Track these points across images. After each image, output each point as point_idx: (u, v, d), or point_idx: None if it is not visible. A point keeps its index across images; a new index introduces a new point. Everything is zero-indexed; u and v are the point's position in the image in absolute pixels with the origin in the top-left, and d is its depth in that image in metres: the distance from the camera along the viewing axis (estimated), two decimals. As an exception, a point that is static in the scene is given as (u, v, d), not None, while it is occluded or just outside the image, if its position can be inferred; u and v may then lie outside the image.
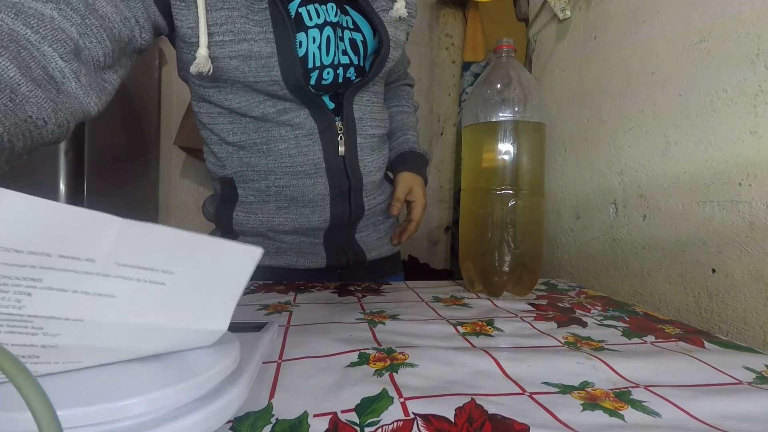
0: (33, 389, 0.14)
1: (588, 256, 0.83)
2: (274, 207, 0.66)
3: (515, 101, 0.59)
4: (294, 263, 0.69)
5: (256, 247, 0.25)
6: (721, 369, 0.36)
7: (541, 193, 0.62)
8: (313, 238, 0.68)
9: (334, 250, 0.70)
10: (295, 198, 0.65)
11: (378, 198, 0.72)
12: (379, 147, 0.71)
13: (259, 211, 0.66)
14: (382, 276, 0.77)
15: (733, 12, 0.56)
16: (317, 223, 0.66)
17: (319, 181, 0.64)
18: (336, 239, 0.69)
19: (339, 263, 0.71)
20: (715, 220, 0.58)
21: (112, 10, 0.47)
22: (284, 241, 0.68)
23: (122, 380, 0.23)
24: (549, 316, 0.51)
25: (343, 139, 0.64)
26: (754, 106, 0.53)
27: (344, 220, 0.67)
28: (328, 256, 0.70)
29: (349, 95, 0.64)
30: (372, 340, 0.40)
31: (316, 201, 0.65)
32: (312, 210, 0.65)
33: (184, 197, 1.85)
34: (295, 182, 0.64)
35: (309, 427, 0.25)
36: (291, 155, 0.63)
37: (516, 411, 0.28)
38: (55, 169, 1.09)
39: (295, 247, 0.69)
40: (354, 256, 0.72)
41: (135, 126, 1.57)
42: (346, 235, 0.70)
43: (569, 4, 0.89)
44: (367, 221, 0.72)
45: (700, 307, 0.60)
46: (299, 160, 0.63)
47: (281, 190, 0.64)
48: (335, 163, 0.64)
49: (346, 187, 0.66)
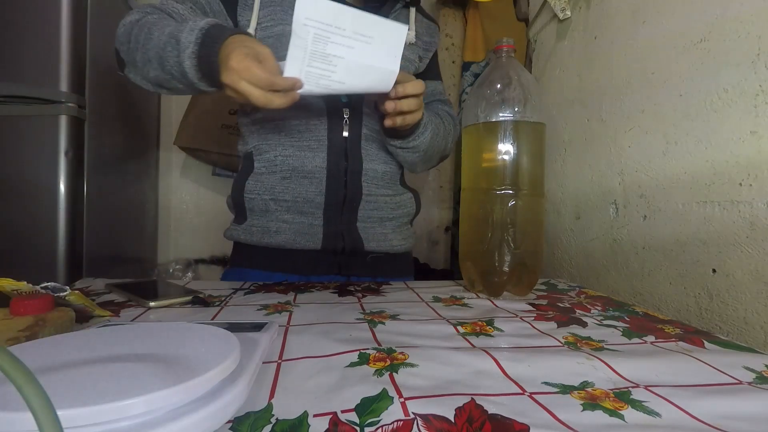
0: (33, 389, 0.14)
1: (588, 256, 0.83)
2: (279, 177, 0.74)
3: (515, 101, 0.59)
4: (291, 242, 0.73)
5: (403, 24, 0.56)
6: (721, 369, 0.36)
7: (541, 193, 0.62)
8: (312, 218, 0.73)
9: (331, 233, 0.74)
10: (296, 168, 0.73)
11: (382, 190, 0.77)
12: (385, 144, 0.77)
13: (266, 180, 0.74)
14: (384, 275, 0.77)
15: (733, 12, 0.56)
16: (313, 195, 0.73)
17: (318, 155, 0.72)
18: (334, 222, 0.74)
19: (335, 247, 0.74)
20: (716, 220, 0.58)
21: (207, 10, 0.71)
22: (284, 219, 0.73)
23: (122, 380, 0.23)
24: (549, 316, 0.51)
25: (348, 124, 0.73)
26: (755, 106, 0.53)
27: (339, 197, 0.73)
28: (324, 238, 0.73)
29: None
30: (372, 340, 0.40)
31: (314, 173, 0.72)
32: (310, 181, 0.73)
33: (184, 197, 1.85)
34: (299, 153, 0.73)
35: (309, 427, 0.25)
36: (300, 131, 0.73)
37: (516, 411, 0.28)
38: (55, 169, 1.09)
39: (294, 228, 0.73)
40: (351, 243, 0.74)
41: (135, 126, 1.57)
42: (346, 220, 0.74)
43: (569, 4, 0.89)
44: (369, 212, 0.76)
45: (701, 307, 0.59)
46: (306, 135, 0.73)
47: (286, 159, 0.73)
48: (337, 141, 0.73)
49: (343, 167, 0.73)
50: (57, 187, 1.09)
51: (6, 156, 1.08)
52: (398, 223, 0.80)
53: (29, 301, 0.38)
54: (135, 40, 0.62)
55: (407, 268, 0.85)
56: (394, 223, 0.79)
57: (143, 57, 0.61)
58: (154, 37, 0.60)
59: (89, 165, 1.18)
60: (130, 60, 0.64)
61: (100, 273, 1.05)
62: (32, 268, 1.08)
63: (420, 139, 0.72)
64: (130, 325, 0.35)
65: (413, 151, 0.74)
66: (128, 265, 1.51)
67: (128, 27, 0.64)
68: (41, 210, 1.08)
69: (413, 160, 0.77)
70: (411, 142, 0.72)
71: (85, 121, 1.16)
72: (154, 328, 0.33)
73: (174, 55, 0.57)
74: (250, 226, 0.75)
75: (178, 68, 0.57)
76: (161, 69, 0.60)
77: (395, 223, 0.80)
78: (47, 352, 0.27)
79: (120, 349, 0.28)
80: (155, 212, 1.77)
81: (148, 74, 0.62)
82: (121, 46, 0.65)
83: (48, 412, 0.14)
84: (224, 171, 1.81)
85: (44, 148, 1.09)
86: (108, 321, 0.45)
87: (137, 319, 0.46)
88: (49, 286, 0.42)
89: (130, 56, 0.63)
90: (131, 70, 0.65)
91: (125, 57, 0.65)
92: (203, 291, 0.57)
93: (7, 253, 1.07)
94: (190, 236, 1.84)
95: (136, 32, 0.62)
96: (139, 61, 0.62)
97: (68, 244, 1.10)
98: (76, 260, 1.13)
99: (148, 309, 0.50)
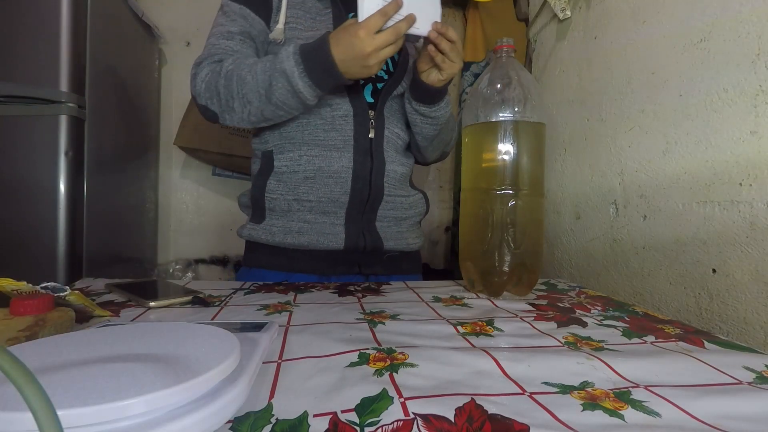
0: (33, 389, 0.14)
1: (588, 256, 0.83)
2: (302, 177, 0.74)
3: (515, 101, 0.59)
4: (314, 243, 0.73)
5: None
6: (721, 369, 0.36)
7: (541, 193, 0.62)
8: (335, 218, 0.74)
9: (353, 232, 0.75)
10: (321, 168, 0.73)
11: (399, 191, 0.80)
12: (403, 149, 0.82)
13: (288, 180, 0.74)
14: (400, 273, 0.81)
15: (733, 12, 0.56)
16: (338, 195, 0.73)
17: (345, 155, 0.73)
18: (356, 222, 0.75)
19: (357, 246, 0.75)
20: (716, 220, 0.58)
21: (255, 33, 0.75)
22: (306, 219, 0.74)
23: (122, 380, 0.23)
24: (549, 316, 0.51)
25: (374, 125, 0.75)
26: (755, 106, 0.53)
27: (363, 197, 0.74)
28: (347, 238, 0.74)
29: (384, 96, 0.76)
30: (372, 340, 0.40)
31: (340, 173, 0.73)
32: (335, 181, 0.73)
33: (184, 197, 1.85)
34: (325, 153, 0.73)
35: (309, 427, 0.25)
36: (325, 130, 0.74)
37: (516, 411, 0.28)
38: (55, 169, 1.09)
39: (316, 228, 0.74)
40: (372, 243, 0.76)
41: (135, 126, 1.57)
42: (366, 219, 0.76)
43: (569, 4, 0.89)
44: (387, 212, 0.78)
45: (701, 307, 0.59)
46: (332, 134, 0.74)
47: (311, 159, 0.74)
48: (363, 142, 0.74)
49: (369, 166, 0.74)
50: (57, 187, 1.09)
51: (6, 156, 1.08)
52: (411, 223, 0.83)
53: (29, 301, 0.38)
54: (226, 91, 0.68)
55: (418, 266, 0.88)
56: (408, 222, 0.82)
57: (242, 102, 0.67)
58: (247, 81, 0.66)
59: (89, 165, 1.18)
60: (225, 109, 0.70)
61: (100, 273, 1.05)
62: (32, 268, 1.08)
63: (444, 110, 0.77)
64: (130, 325, 0.35)
65: (434, 122, 0.78)
66: (128, 265, 1.51)
67: (209, 83, 0.69)
68: (41, 210, 1.08)
69: (430, 135, 0.80)
70: (435, 110, 0.76)
71: (85, 121, 1.16)
72: (154, 328, 0.33)
73: (283, 84, 0.64)
74: (270, 225, 0.75)
75: (291, 93, 0.64)
76: (267, 103, 0.66)
77: (409, 222, 0.82)
78: (47, 352, 0.27)
79: (120, 349, 0.28)
80: (155, 212, 1.77)
81: (248, 114, 0.69)
82: (209, 101, 0.70)
83: (48, 412, 0.14)
84: (224, 171, 1.81)
85: (44, 148, 1.09)
86: (108, 321, 0.45)
87: (137, 319, 0.46)
88: (49, 286, 0.42)
89: (224, 106, 0.69)
90: (227, 118, 0.71)
91: (218, 109, 0.70)
92: (203, 291, 0.57)
93: (7, 253, 1.07)
94: (190, 236, 1.84)
95: (225, 83, 0.67)
96: (237, 107, 0.68)
97: (68, 244, 1.10)
98: (76, 260, 1.13)
99: (148, 309, 0.50)
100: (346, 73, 0.63)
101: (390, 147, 0.78)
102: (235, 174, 1.81)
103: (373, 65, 0.62)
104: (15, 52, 1.07)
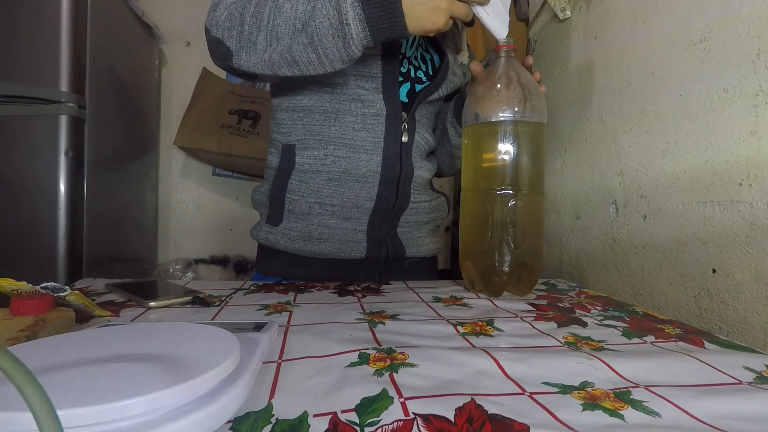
0: (33, 389, 0.14)
1: (588, 256, 0.83)
2: (326, 178, 0.69)
3: (515, 101, 0.59)
4: (336, 251, 0.70)
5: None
6: (721, 369, 0.36)
7: (541, 193, 0.62)
8: (357, 224, 0.70)
9: (375, 240, 0.72)
10: (348, 170, 0.68)
11: (423, 196, 0.76)
12: (428, 153, 0.78)
13: (311, 180, 0.69)
14: (420, 277, 0.78)
15: (733, 12, 0.56)
16: (363, 201, 0.69)
17: (374, 159, 0.69)
18: (378, 229, 0.71)
19: (379, 255, 0.72)
20: (716, 220, 0.58)
21: None
22: (327, 224, 0.70)
23: (122, 380, 0.23)
24: (549, 316, 0.51)
25: (407, 128, 0.71)
26: (755, 106, 0.53)
27: (389, 204, 0.71)
28: (369, 246, 0.71)
29: (420, 98, 0.72)
30: (372, 340, 0.40)
31: (367, 177, 0.69)
32: (361, 186, 0.69)
33: (184, 197, 1.85)
34: (352, 155, 0.68)
35: (309, 427, 0.25)
36: (354, 129, 0.68)
37: (516, 411, 0.28)
38: (55, 169, 1.09)
39: (338, 234, 0.70)
40: (394, 251, 0.73)
41: (135, 126, 1.57)
42: (388, 226, 0.73)
43: (569, 4, 0.89)
44: (409, 218, 0.75)
45: (701, 307, 0.59)
46: (361, 134, 0.68)
47: (337, 160, 0.68)
48: (393, 145, 0.70)
49: (397, 171, 0.70)
50: (57, 187, 1.09)
51: (6, 156, 1.08)
52: (432, 227, 0.81)
53: (29, 301, 0.38)
54: (253, 20, 0.57)
55: (435, 271, 0.86)
56: (429, 226, 0.79)
57: (268, 37, 0.57)
58: (284, 10, 0.55)
59: (89, 165, 1.18)
60: (245, 45, 0.59)
61: (100, 273, 1.05)
62: (32, 268, 1.08)
63: None
64: (130, 325, 0.35)
65: None
66: (128, 265, 1.51)
67: (233, 10, 0.59)
68: (41, 210, 1.09)
69: None
70: None
71: (85, 121, 1.16)
72: (154, 328, 0.33)
73: (328, 12, 0.53)
74: (288, 230, 0.71)
75: (335, 26, 0.53)
76: (301, 33, 0.55)
77: (430, 226, 0.80)
78: (47, 352, 0.27)
79: (120, 349, 0.28)
80: (155, 212, 1.77)
81: (271, 53, 0.58)
82: (226, 33, 0.59)
83: (48, 412, 0.14)
84: (224, 171, 1.81)
85: (44, 148, 1.09)
86: (108, 321, 0.45)
87: (137, 319, 0.46)
88: (49, 286, 0.42)
89: (245, 41, 0.58)
90: (242, 57, 0.60)
91: (235, 44, 0.59)
92: (203, 291, 0.57)
93: (7, 253, 1.07)
94: (190, 236, 1.84)
95: (254, 11, 0.57)
96: (260, 42, 0.57)
97: (68, 244, 1.10)
98: (76, 260, 1.13)
99: (148, 309, 0.50)
100: (409, 16, 0.53)
101: (418, 152, 0.74)
102: (235, 174, 1.81)
103: (444, 10, 0.53)
104: (15, 52, 1.07)
